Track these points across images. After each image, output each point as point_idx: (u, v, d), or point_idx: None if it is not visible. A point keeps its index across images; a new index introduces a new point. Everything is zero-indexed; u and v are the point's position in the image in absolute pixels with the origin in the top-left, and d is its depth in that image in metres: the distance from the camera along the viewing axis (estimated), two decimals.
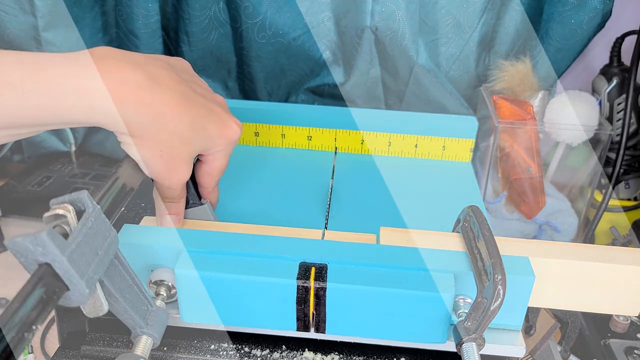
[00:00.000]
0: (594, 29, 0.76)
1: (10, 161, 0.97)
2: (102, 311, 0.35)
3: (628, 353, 0.56)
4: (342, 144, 0.65)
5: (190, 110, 0.41)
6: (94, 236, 0.33)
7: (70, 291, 0.31)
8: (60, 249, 0.29)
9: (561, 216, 0.75)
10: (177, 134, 0.40)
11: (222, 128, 0.43)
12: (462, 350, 0.37)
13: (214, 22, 0.83)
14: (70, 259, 0.30)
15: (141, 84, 0.38)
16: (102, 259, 0.33)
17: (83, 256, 0.31)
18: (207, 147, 0.43)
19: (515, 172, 0.73)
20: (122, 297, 0.36)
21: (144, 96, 0.38)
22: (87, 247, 0.32)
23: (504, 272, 0.36)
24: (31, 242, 0.29)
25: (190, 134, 0.41)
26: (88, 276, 0.31)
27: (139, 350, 0.37)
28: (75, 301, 0.31)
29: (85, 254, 0.32)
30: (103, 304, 0.35)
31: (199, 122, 0.41)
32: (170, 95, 0.39)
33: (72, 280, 0.30)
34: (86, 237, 0.32)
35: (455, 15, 0.79)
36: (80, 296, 0.31)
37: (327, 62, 0.86)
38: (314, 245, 0.43)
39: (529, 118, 0.71)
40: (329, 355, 0.43)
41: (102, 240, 0.33)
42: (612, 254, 0.43)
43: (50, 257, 0.29)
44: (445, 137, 0.64)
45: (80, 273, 0.30)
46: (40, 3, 0.78)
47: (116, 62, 0.38)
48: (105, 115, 0.37)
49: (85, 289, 0.31)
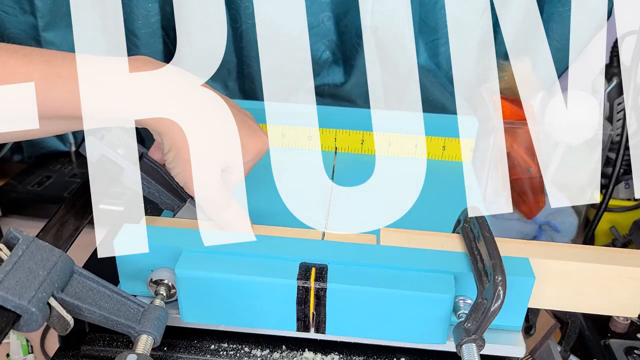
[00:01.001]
0: (594, 29, 0.76)
1: (10, 161, 0.97)
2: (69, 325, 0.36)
3: (628, 353, 0.56)
4: (342, 144, 0.65)
5: (225, 115, 0.42)
6: (30, 261, 0.34)
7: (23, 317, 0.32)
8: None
9: (561, 216, 0.75)
10: (214, 136, 0.41)
11: (253, 138, 0.44)
12: (462, 351, 0.37)
13: (214, 22, 0.83)
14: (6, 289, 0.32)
15: (183, 85, 0.40)
16: (48, 278, 0.34)
17: (18, 281, 0.33)
18: (237, 155, 0.44)
19: (515, 172, 0.73)
20: (96, 307, 0.37)
21: (187, 95, 0.40)
22: (21, 273, 0.33)
23: (504, 273, 0.36)
24: None
25: (225, 138, 0.42)
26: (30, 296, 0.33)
27: (139, 349, 0.37)
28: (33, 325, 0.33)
29: (21, 279, 0.33)
30: (67, 319, 0.36)
31: (233, 128, 0.43)
32: (208, 99, 0.42)
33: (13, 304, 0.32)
34: (17, 265, 0.33)
35: (455, 15, 0.79)
36: (32, 316, 0.32)
37: (327, 62, 0.86)
38: (314, 245, 0.43)
39: (529, 118, 0.71)
40: (329, 355, 0.43)
41: (42, 262, 0.35)
42: (612, 254, 0.43)
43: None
44: (445, 137, 0.64)
45: (19, 296, 0.32)
46: (40, 3, 0.78)
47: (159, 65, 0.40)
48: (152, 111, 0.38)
49: (31, 309, 0.32)
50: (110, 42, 0.86)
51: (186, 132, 0.40)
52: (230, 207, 0.45)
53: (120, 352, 0.41)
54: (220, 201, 0.44)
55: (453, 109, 0.85)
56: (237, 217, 0.45)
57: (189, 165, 0.41)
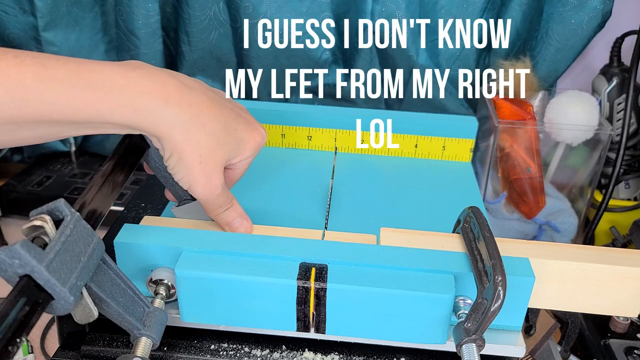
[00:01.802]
0: (594, 29, 0.76)
1: (10, 161, 0.97)
2: (92, 317, 0.35)
3: (628, 353, 0.56)
4: (342, 144, 0.65)
5: (222, 112, 0.42)
6: (75, 243, 0.33)
7: (55, 300, 0.31)
8: (37, 259, 0.29)
9: (561, 216, 0.75)
10: (213, 135, 0.41)
11: (251, 131, 0.44)
12: (462, 351, 0.37)
13: (214, 22, 0.83)
14: (49, 268, 0.30)
15: (179, 86, 0.39)
16: (87, 265, 0.33)
17: (64, 264, 0.31)
18: (237, 152, 0.43)
19: (515, 172, 0.73)
20: (114, 301, 0.36)
21: (183, 97, 0.39)
22: (67, 255, 0.32)
23: (504, 273, 0.36)
24: (7, 255, 0.29)
25: (225, 135, 0.42)
26: (71, 283, 0.31)
27: (139, 352, 0.37)
28: (61, 310, 0.31)
29: (66, 261, 0.31)
30: (92, 310, 0.35)
31: (231, 123, 0.42)
32: (203, 98, 0.41)
33: (55, 289, 0.30)
34: (65, 245, 0.32)
35: (456, 15, 0.79)
36: (66, 304, 0.31)
37: (327, 62, 0.86)
38: (314, 245, 0.43)
39: (529, 118, 0.71)
40: (329, 355, 0.43)
41: (84, 246, 0.33)
42: (611, 255, 0.43)
43: (28, 268, 0.29)
44: (445, 137, 0.64)
45: (62, 281, 0.30)
46: (40, 3, 0.78)
47: (152, 69, 0.39)
48: (149, 114, 0.38)
49: (69, 297, 0.31)
50: (110, 42, 0.86)
51: (186, 135, 0.39)
52: (232, 207, 0.45)
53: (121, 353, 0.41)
54: (223, 202, 0.44)
55: (453, 109, 0.85)
56: (238, 217, 0.45)
57: (193, 169, 0.41)
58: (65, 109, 0.35)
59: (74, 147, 0.95)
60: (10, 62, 0.33)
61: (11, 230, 0.85)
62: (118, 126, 0.38)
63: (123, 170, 0.42)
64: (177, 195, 0.47)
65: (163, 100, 0.38)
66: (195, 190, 0.42)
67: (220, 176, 0.42)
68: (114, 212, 0.77)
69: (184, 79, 0.41)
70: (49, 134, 0.37)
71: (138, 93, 0.37)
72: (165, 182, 0.47)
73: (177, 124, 0.39)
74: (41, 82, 0.34)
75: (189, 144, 0.40)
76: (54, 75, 0.34)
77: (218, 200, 0.44)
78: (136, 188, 0.86)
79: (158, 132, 0.39)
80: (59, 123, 0.36)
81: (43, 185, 0.89)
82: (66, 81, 0.35)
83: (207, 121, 0.40)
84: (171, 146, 0.40)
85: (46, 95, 0.34)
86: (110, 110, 0.36)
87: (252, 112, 0.64)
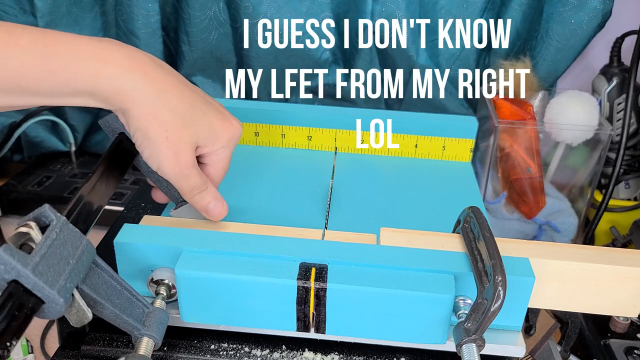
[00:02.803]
0: (594, 29, 0.76)
1: (10, 161, 0.97)
2: (87, 319, 0.35)
3: (628, 353, 0.56)
4: (342, 144, 0.65)
5: (189, 94, 0.42)
6: (62, 246, 0.33)
7: (45, 304, 0.31)
8: (22, 263, 0.29)
9: (561, 216, 0.75)
10: (179, 114, 0.40)
11: (223, 121, 0.44)
12: (462, 351, 0.37)
13: (214, 22, 0.83)
14: (35, 271, 0.30)
15: (147, 62, 0.39)
16: (76, 267, 0.33)
17: (51, 267, 0.31)
18: (209, 138, 0.43)
19: (515, 172, 0.73)
20: (109, 302, 0.36)
21: (148, 71, 0.39)
22: (54, 258, 0.32)
23: (504, 273, 0.36)
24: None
25: (191, 116, 0.41)
26: (60, 286, 0.31)
27: (141, 351, 0.37)
28: (52, 313, 0.31)
29: (54, 264, 0.31)
30: (86, 312, 0.35)
31: (199, 107, 0.42)
32: (172, 77, 0.41)
33: (43, 292, 0.30)
34: (52, 248, 0.32)
35: (456, 15, 0.79)
36: (56, 307, 0.31)
37: (327, 62, 0.86)
38: (314, 245, 0.43)
39: (529, 118, 0.71)
40: (329, 355, 0.43)
41: (72, 249, 0.33)
42: (612, 255, 0.43)
43: (14, 272, 0.29)
44: (445, 137, 0.64)
45: (50, 284, 0.31)
46: (40, 3, 0.78)
47: (124, 45, 0.39)
48: (112, 82, 0.37)
49: (59, 299, 0.31)
50: None
51: (150, 109, 0.39)
52: (207, 190, 0.45)
53: (121, 353, 0.41)
54: (196, 183, 0.43)
55: (453, 109, 0.85)
56: (213, 200, 0.45)
57: (160, 144, 0.40)
58: (31, 75, 0.35)
59: (74, 147, 0.95)
60: None
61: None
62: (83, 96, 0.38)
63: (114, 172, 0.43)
64: (172, 197, 0.47)
65: (127, 69, 0.38)
66: (164, 168, 0.41)
67: (190, 155, 0.42)
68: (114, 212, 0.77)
69: (157, 60, 0.41)
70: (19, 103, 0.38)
71: (102, 61, 0.37)
72: (160, 185, 0.47)
73: (142, 97, 0.38)
74: (6, 49, 0.34)
75: (154, 119, 0.39)
76: (19, 42, 0.34)
77: (190, 181, 0.43)
78: (136, 188, 0.86)
79: (121, 103, 0.38)
80: (26, 92, 0.36)
81: (43, 185, 0.89)
82: (31, 49, 0.35)
83: (171, 98, 0.40)
84: (135, 121, 0.39)
85: (11, 62, 0.34)
86: (74, 77, 0.36)
87: (253, 112, 0.64)
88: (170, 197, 0.47)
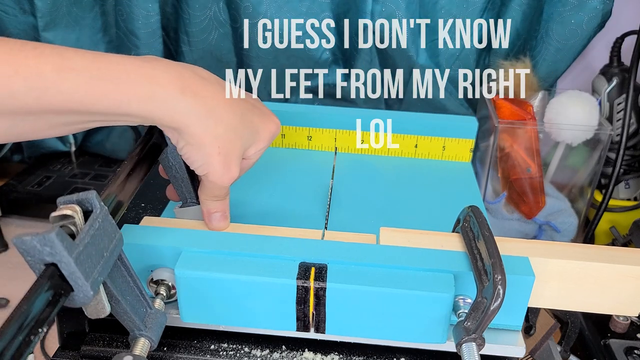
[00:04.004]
0: (594, 29, 0.76)
1: (10, 161, 0.97)
2: (104, 313, 0.35)
3: (628, 353, 0.56)
4: (342, 144, 0.65)
5: (238, 104, 0.42)
6: (100, 238, 0.32)
7: (74, 292, 0.30)
8: (68, 250, 0.29)
9: (561, 216, 0.75)
10: (231, 127, 0.41)
11: (266, 122, 0.44)
12: (462, 351, 0.37)
13: (214, 22, 0.83)
14: (77, 260, 0.30)
15: (195, 79, 0.40)
16: (107, 260, 0.33)
17: (89, 258, 0.31)
18: (253, 142, 0.44)
19: (515, 172, 0.73)
20: (123, 299, 0.36)
21: (199, 90, 0.39)
22: (93, 249, 0.31)
23: (503, 272, 0.36)
24: (39, 242, 0.29)
25: (242, 128, 0.42)
26: (93, 278, 0.31)
27: (137, 352, 0.37)
28: (78, 302, 0.31)
29: (92, 255, 0.31)
30: (105, 306, 0.35)
31: (247, 115, 0.43)
32: (219, 90, 0.41)
33: (78, 281, 0.30)
34: (93, 238, 0.32)
35: (456, 15, 0.79)
36: (84, 298, 0.31)
37: (327, 62, 0.86)
38: (313, 245, 0.43)
39: (529, 118, 0.71)
40: (329, 355, 0.43)
41: (108, 241, 0.33)
42: (612, 254, 0.43)
43: (57, 257, 0.29)
44: (445, 137, 0.64)
45: (85, 275, 0.30)
46: (40, 3, 0.78)
47: (167, 62, 0.39)
48: (165, 105, 0.37)
49: (89, 291, 0.31)
50: (110, 42, 0.86)
51: (204, 128, 0.39)
52: (223, 200, 0.45)
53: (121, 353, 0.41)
54: (223, 192, 0.44)
55: (453, 109, 0.85)
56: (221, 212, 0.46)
57: (212, 158, 0.40)
58: (83, 99, 0.35)
59: (74, 147, 0.95)
60: (30, 54, 0.33)
61: (11, 230, 0.85)
62: (135, 117, 0.38)
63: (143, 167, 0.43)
64: (182, 196, 0.47)
65: (179, 91, 0.38)
66: (212, 177, 0.42)
67: (238, 167, 0.42)
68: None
69: (199, 71, 0.41)
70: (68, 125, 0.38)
71: (154, 84, 0.37)
72: (174, 182, 0.47)
73: (194, 116, 0.39)
74: (60, 72, 0.34)
75: (207, 135, 0.40)
76: (73, 65, 0.34)
77: (223, 190, 0.44)
78: None
79: (175, 124, 0.39)
80: (77, 113, 0.36)
81: (43, 185, 0.89)
82: (84, 72, 0.35)
83: (223, 114, 0.40)
84: (188, 137, 0.39)
85: (65, 85, 0.34)
86: (127, 100, 0.36)
87: None
88: (180, 195, 0.48)
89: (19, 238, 0.29)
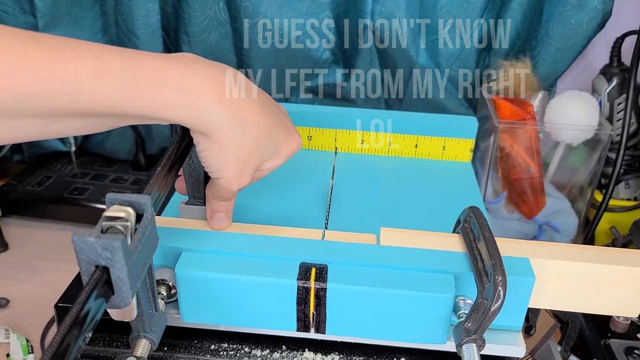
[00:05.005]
0: (594, 29, 0.76)
1: (10, 161, 0.97)
2: (130, 317, 0.34)
3: (628, 353, 0.56)
4: (342, 144, 0.65)
5: (269, 118, 0.42)
6: (147, 245, 0.32)
7: (114, 296, 0.30)
8: (125, 258, 0.29)
9: (561, 216, 0.75)
10: (256, 140, 0.41)
11: (289, 140, 0.44)
12: (462, 352, 0.37)
13: (214, 22, 0.83)
14: (129, 267, 0.29)
15: (232, 87, 0.39)
16: (147, 266, 0.33)
17: (137, 265, 0.31)
18: (272, 157, 0.43)
19: (515, 172, 0.73)
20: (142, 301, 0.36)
21: (234, 99, 0.39)
22: (140, 256, 0.31)
23: (504, 274, 0.36)
24: (101, 246, 0.28)
25: (266, 141, 0.42)
26: (135, 285, 0.31)
27: (138, 352, 0.37)
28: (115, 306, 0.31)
29: (138, 262, 0.31)
30: (134, 311, 0.34)
31: (274, 130, 0.42)
32: (254, 101, 0.41)
33: (123, 288, 0.30)
34: (142, 246, 0.31)
35: (456, 15, 0.79)
36: (121, 303, 0.30)
37: (327, 62, 0.86)
38: (314, 245, 0.43)
39: (529, 118, 0.71)
40: (329, 355, 0.43)
41: (151, 248, 0.33)
42: (611, 254, 0.43)
43: (112, 263, 0.29)
44: (445, 137, 0.64)
45: (132, 282, 0.30)
46: (40, 3, 0.78)
47: (206, 64, 0.39)
48: (201, 113, 0.37)
49: (129, 298, 0.30)
50: (110, 42, 0.86)
51: (231, 137, 0.39)
52: (229, 202, 0.45)
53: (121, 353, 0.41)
54: (229, 195, 0.44)
55: (453, 109, 0.85)
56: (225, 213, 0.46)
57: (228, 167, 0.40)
58: (119, 103, 0.35)
59: (74, 147, 0.95)
60: (67, 57, 0.33)
61: (11, 230, 0.85)
62: (168, 121, 0.38)
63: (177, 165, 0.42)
64: (190, 193, 0.48)
65: (216, 100, 0.38)
66: (223, 182, 0.42)
67: (250, 177, 0.42)
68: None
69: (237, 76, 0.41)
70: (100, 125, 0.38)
71: (193, 94, 0.37)
72: (189, 179, 0.47)
73: (225, 125, 0.39)
74: (97, 77, 0.34)
75: (231, 145, 0.39)
76: (110, 69, 0.34)
77: (230, 193, 0.44)
78: (136, 188, 0.86)
79: (206, 130, 0.38)
80: (111, 116, 0.36)
81: (43, 185, 0.89)
82: (121, 76, 0.34)
83: (252, 126, 0.40)
84: (212, 144, 0.39)
85: (101, 90, 0.34)
86: (164, 106, 0.36)
87: None
88: (189, 192, 0.48)
89: (81, 237, 0.28)
